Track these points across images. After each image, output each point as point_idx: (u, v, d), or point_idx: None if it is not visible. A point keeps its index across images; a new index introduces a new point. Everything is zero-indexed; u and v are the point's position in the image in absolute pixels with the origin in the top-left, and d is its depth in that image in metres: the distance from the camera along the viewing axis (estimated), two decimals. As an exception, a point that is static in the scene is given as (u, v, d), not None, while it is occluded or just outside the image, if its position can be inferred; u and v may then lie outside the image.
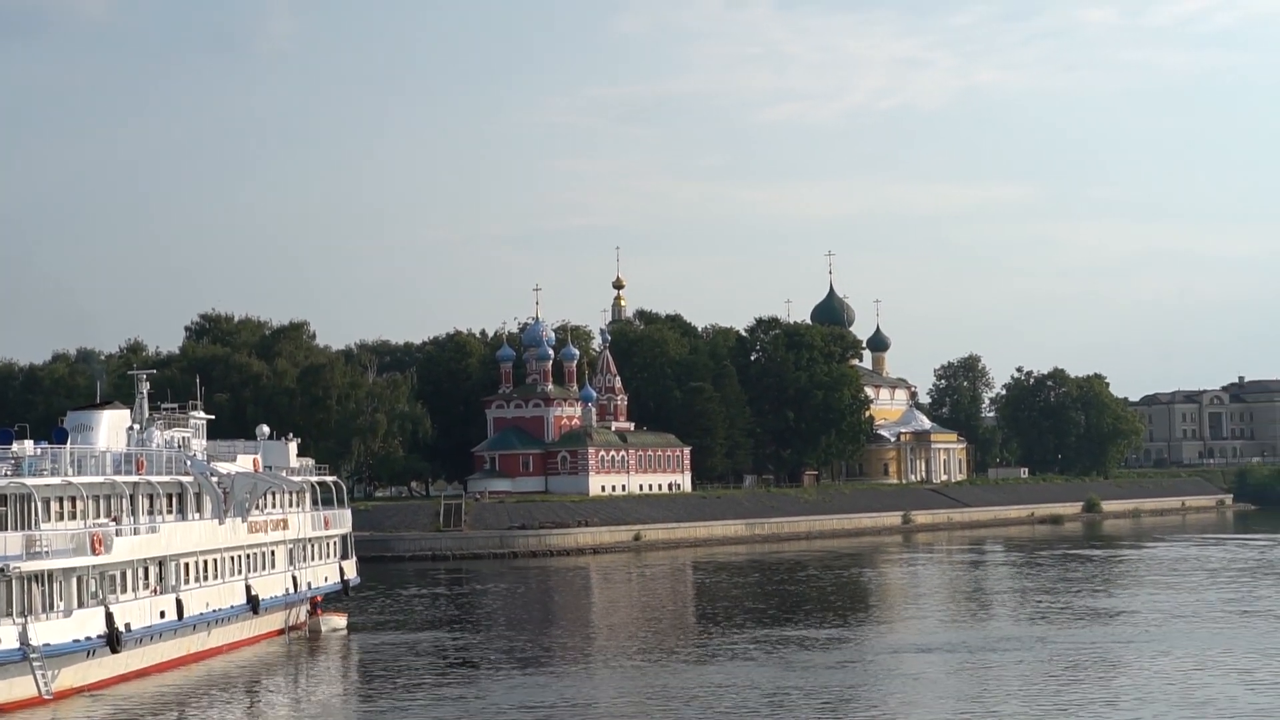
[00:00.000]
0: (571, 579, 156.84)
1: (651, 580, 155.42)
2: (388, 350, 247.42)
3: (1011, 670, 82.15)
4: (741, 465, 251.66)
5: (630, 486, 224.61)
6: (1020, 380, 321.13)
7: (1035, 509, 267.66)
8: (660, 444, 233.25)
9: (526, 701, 74.89)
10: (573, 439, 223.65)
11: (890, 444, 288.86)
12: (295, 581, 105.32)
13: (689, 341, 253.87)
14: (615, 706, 74.23)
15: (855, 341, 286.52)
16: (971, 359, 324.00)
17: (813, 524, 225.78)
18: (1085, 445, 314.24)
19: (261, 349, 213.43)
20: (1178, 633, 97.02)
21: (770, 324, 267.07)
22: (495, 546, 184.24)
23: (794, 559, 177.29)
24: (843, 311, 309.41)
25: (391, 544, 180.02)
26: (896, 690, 77.94)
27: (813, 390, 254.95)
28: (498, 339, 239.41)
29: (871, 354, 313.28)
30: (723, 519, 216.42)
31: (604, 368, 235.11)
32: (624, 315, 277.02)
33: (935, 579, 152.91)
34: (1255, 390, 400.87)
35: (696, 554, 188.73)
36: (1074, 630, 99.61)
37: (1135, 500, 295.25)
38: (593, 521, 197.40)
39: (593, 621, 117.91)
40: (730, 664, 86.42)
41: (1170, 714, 68.86)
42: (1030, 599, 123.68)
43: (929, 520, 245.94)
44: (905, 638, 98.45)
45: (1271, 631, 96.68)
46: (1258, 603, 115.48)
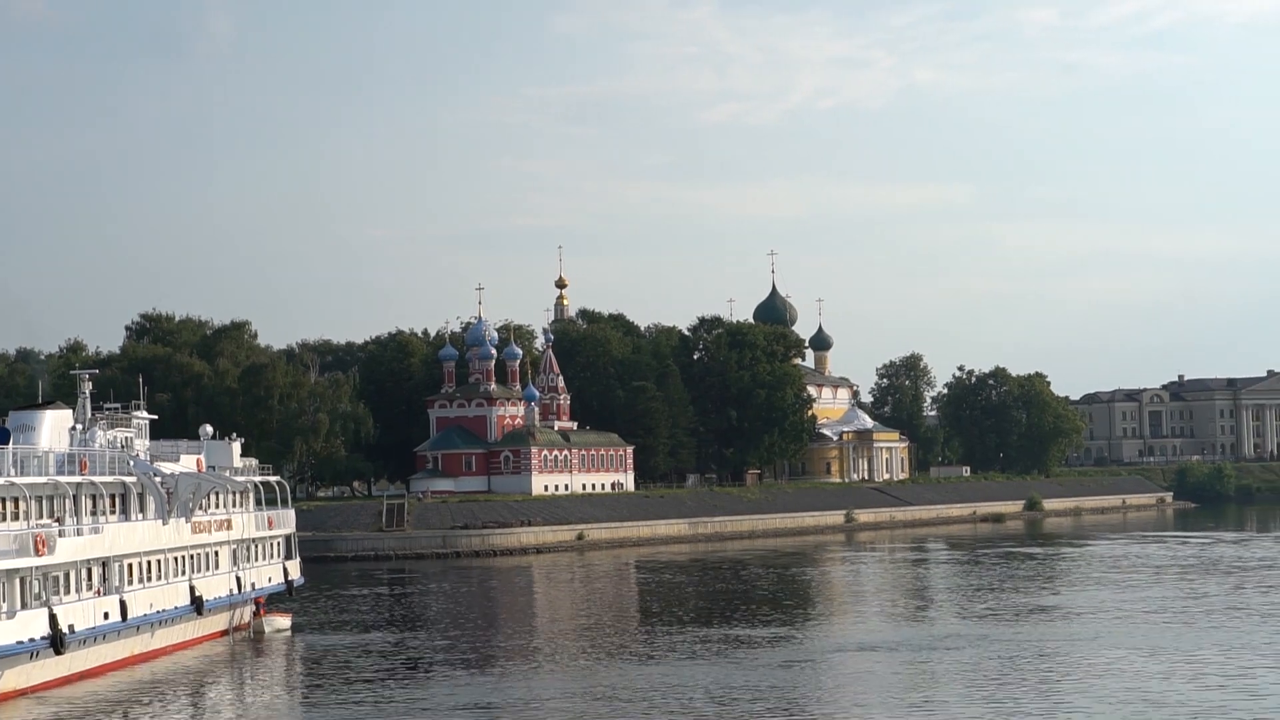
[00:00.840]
0: (515, 579, 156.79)
1: (595, 580, 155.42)
2: (330, 350, 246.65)
3: (954, 668, 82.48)
4: (684, 464, 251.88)
5: (573, 486, 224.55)
6: (962, 379, 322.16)
7: (977, 507, 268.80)
8: (603, 443, 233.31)
9: (471, 702, 74.90)
10: (515, 439, 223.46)
11: (833, 443, 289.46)
12: (239, 582, 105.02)
13: (632, 341, 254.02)
14: (560, 706, 74.22)
15: (798, 341, 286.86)
16: (913, 358, 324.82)
17: (756, 523, 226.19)
18: (1026, 444, 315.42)
19: (203, 349, 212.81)
20: (1119, 630, 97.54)
21: (713, 323, 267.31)
22: (438, 546, 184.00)
23: (737, 558, 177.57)
24: (785, 311, 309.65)
25: (334, 544, 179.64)
26: (840, 688, 78.21)
27: (755, 389, 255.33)
28: (440, 339, 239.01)
29: (814, 353, 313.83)
30: (666, 518, 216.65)
31: (547, 367, 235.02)
32: (567, 315, 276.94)
33: (878, 577, 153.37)
34: (1195, 389, 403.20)
35: (640, 553, 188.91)
36: (1016, 628, 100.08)
37: (1076, 498, 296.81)
38: (536, 521, 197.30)
39: (536, 621, 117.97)
40: (674, 663, 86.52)
41: (1112, 710, 69.27)
42: (972, 597, 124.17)
43: (871, 519, 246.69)
44: (848, 636, 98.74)
45: (1212, 628, 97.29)
46: (1198, 600, 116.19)
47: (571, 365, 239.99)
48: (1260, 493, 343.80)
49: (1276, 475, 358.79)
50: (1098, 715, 68.42)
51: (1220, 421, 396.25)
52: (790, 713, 71.11)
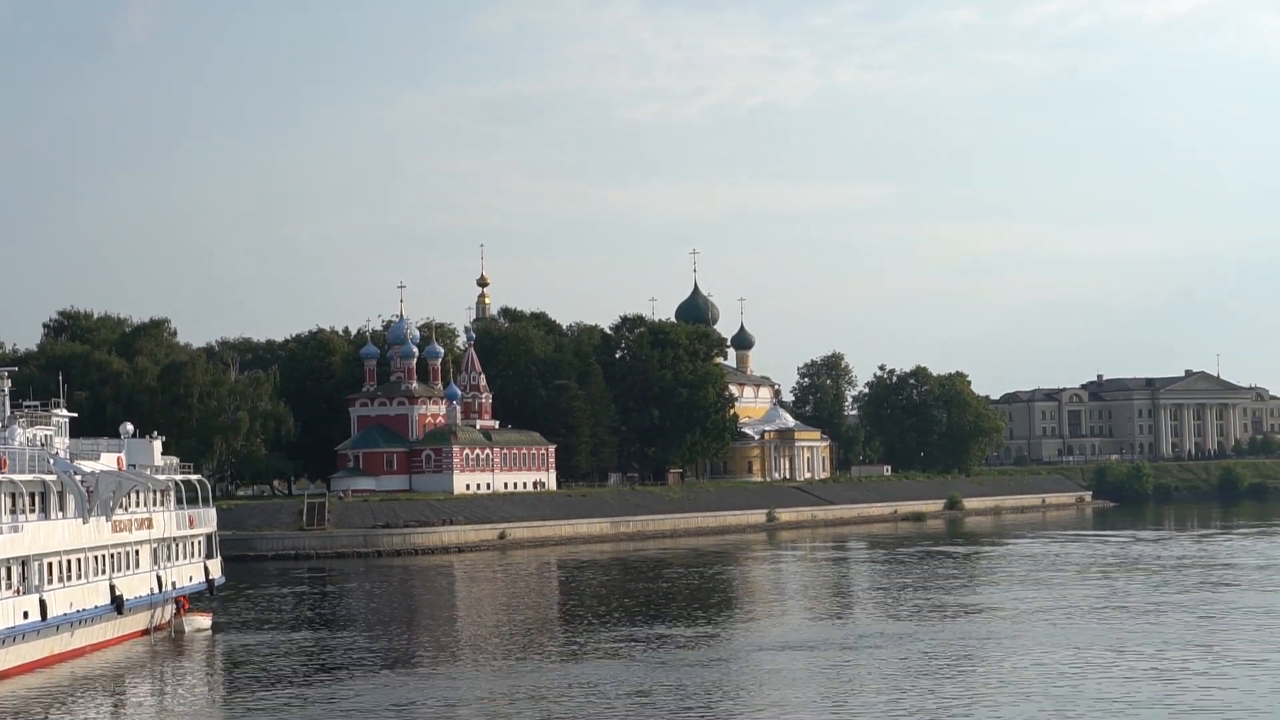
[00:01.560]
0: (436, 578, 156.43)
1: (517, 579, 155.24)
2: (250, 348, 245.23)
3: (876, 667, 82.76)
4: (606, 463, 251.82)
5: (495, 485, 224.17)
6: (883, 378, 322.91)
7: (898, 506, 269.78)
8: (525, 442, 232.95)
9: (391, 702, 74.72)
10: (437, 437, 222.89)
11: (754, 442, 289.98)
12: (160, 581, 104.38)
13: (554, 339, 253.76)
14: (481, 706, 74.15)
15: (719, 340, 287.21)
16: (834, 357, 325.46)
17: (678, 522, 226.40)
18: (947, 443, 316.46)
19: (121, 346, 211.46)
20: (1040, 628, 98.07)
21: (635, 322, 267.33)
22: (359, 545, 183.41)
23: (659, 557, 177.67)
24: (707, 310, 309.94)
25: (254, 543, 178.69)
26: (762, 688, 78.31)
27: (677, 388, 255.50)
28: (361, 337, 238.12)
29: (736, 352, 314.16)
30: (588, 517, 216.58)
31: (468, 366, 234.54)
32: (488, 313, 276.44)
33: (800, 576, 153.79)
34: (1113, 389, 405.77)
35: (561, 552, 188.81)
36: (937, 626, 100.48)
37: (996, 497, 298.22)
38: (457, 520, 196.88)
39: (458, 620, 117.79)
40: (596, 662, 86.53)
41: (1032, 707, 69.63)
42: (894, 596, 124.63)
43: (793, 518, 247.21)
44: (770, 635, 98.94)
45: (1132, 626, 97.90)
46: (1118, 598, 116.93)
47: (493, 364, 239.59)
48: (1178, 492, 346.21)
49: (1194, 475, 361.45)
50: (1017, 712, 68.73)
51: (1139, 421, 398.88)
52: (712, 712, 71.21)
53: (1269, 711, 68.36)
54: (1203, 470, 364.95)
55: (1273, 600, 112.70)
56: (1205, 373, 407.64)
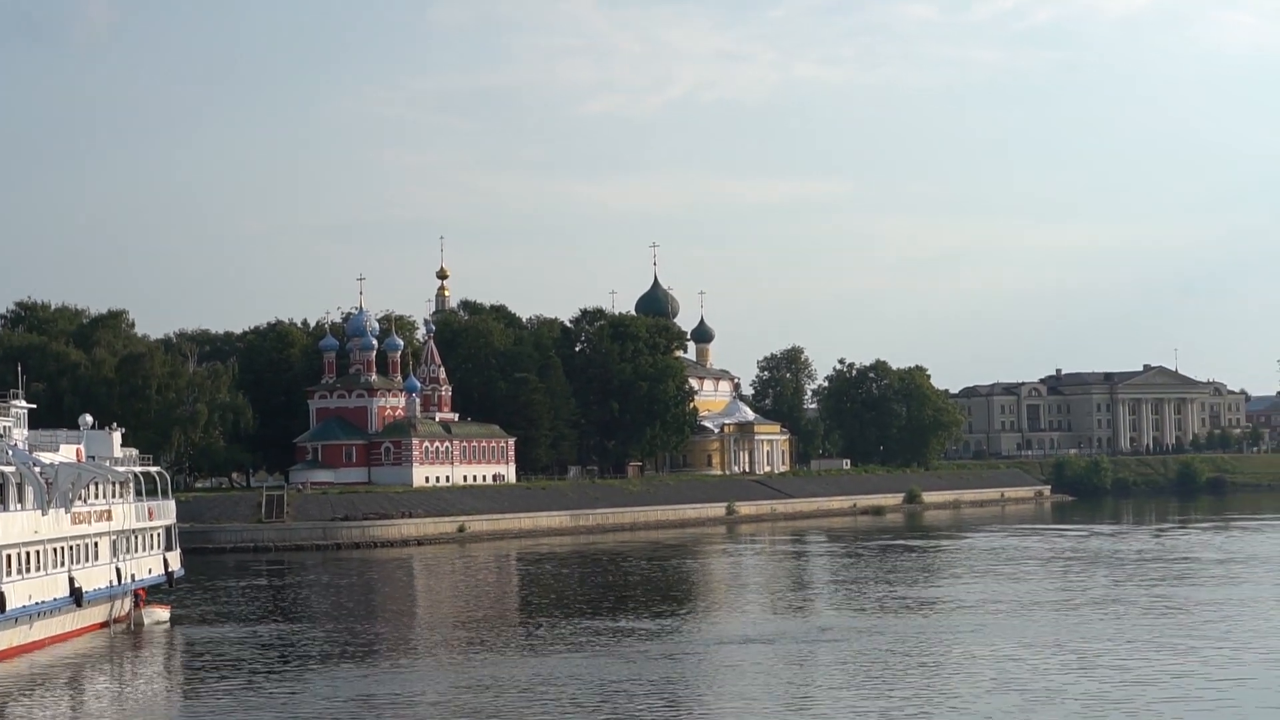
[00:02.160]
0: (395, 571, 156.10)
1: (476, 572, 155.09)
2: (208, 340, 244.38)
3: (835, 660, 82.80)
4: (566, 456, 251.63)
5: (454, 477, 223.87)
6: (842, 372, 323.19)
7: (857, 500, 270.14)
8: (485, 435, 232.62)
9: (350, 695, 74.55)
10: (396, 430, 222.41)
11: (714, 435, 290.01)
12: (119, 574, 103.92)
13: (513, 332, 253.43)
14: (441, 699, 73.98)
15: (679, 333, 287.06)
16: (794, 351, 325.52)
17: (637, 515, 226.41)
18: (906, 437, 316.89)
19: (79, 338, 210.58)
20: (999, 622, 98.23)
21: (595, 315, 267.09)
22: (318, 538, 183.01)
23: (618, 550, 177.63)
24: (667, 303, 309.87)
25: (213, 535, 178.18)
26: (722, 681, 78.33)
27: (637, 382, 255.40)
28: (320, 329, 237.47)
29: (695, 345, 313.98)
30: (547, 510, 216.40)
31: (428, 358, 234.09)
32: (448, 306, 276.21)
33: (759, 570, 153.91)
34: (1072, 383, 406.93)
35: (521, 545, 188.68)
36: (897, 620, 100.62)
37: (955, 491, 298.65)
38: (417, 513, 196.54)
39: (417, 614, 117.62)
40: (555, 655, 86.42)
41: (991, 700, 69.72)
42: (853, 590, 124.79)
43: (753, 511, 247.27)
44: (730, 629, 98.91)
45: (1090, 620, 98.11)
46: (1077, 592, 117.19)
47: (453, 356, 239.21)
48: (1136, 486, 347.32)
49: (1152, 469, 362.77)
50: (977, 706, 68.81)
51: (1097, 415, 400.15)
52: (673, 705, 71.17)
53: (1226, 702, 68.56)
54: (1161, 465, 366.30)
55: (1230, 594, 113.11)
56: (1163, 367, 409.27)
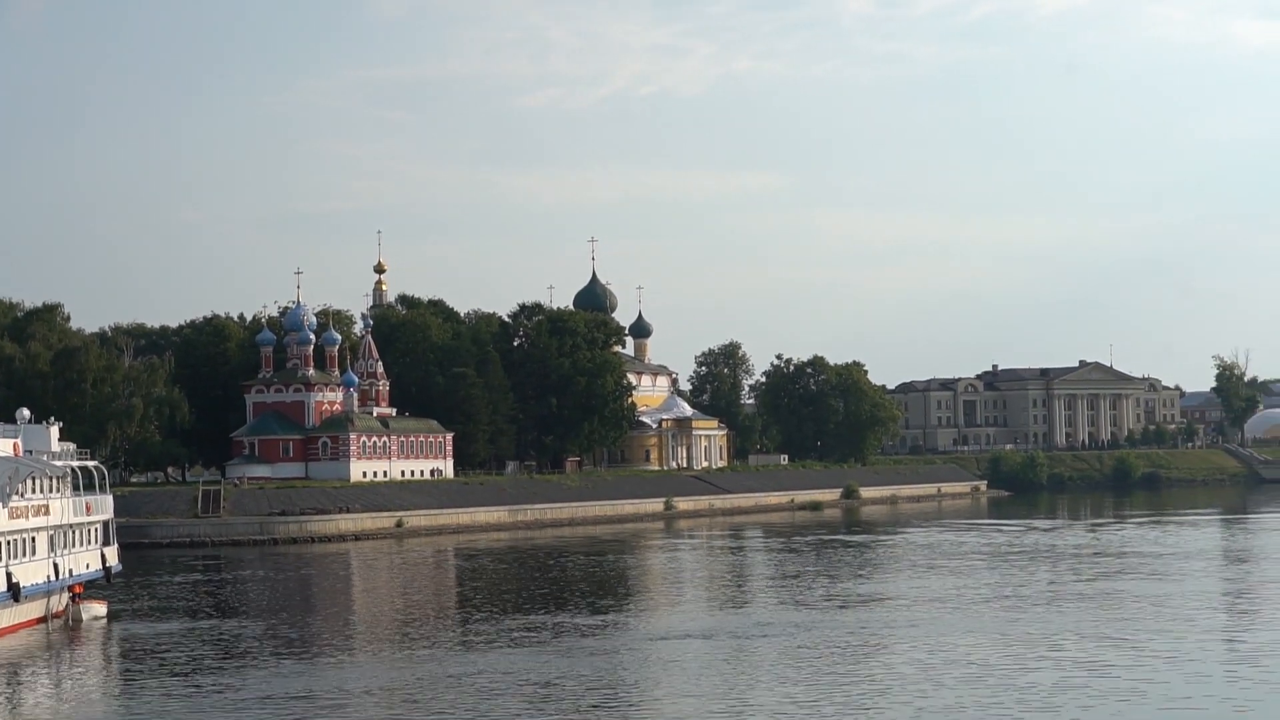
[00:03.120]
0: (333, 566, 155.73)
1: (414, 567, 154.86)
2: (144, 333, 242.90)
3: (773, 655, 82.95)
4: (504, 452, 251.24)
5: (392, 472, 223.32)
6: (780, 368, 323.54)
7: (795, 495, 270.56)
8: (422, 430, 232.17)
9: (287, 691, 74.38)
10: (334, 424, 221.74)
11: (652, 430, 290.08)
12: (56, 569, 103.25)
13: (452, 327, 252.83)
14: (379, 695, 73.84)
15: (618, 328, 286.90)
16: (732, 346, 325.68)
17: (575, 510, 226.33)
18: (844, 432, 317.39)
19: (13, 331, 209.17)
20: (935, 617, 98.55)
21: (533, 310, 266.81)
22: (255, 533, 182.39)
23: (557, 545, 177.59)
24: (605, 298, 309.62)
25: (149, 530, 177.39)
26: (661, 676, 78.40)
27: (576, 376, 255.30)
28: (257, 323, 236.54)
29: (634, 340, 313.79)
30: (485, 505, 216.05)
31: (366, 353, 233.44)
32: (386, 300, 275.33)
33: (697, 565, 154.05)
34: (1008, 379, 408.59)
35: (459, 540, 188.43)
36: (835, 615, 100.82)
37: (893, 486, 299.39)
38: (354, 508, 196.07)
39: (354, 609, 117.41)
40: (493, 651, 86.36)
41: (929, 694, 69.98)
42: (791, 585, 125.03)
43: (691, 507, 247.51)
44: (669, 624, 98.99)
45: (1026, 614, 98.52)
46: (1012, 587, 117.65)
47: (391, 351, 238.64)
48: (1071, 481, 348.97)
49: (1087, 464, 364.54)
50: (915, 700, 69.06)
51: (1033, 411, 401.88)
52: (611, 700, 71.24)
53: (1159, 696, 68.99)
54: (1096, 460, 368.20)
55: (1165, 588, 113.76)
56: (1099, 363, 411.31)
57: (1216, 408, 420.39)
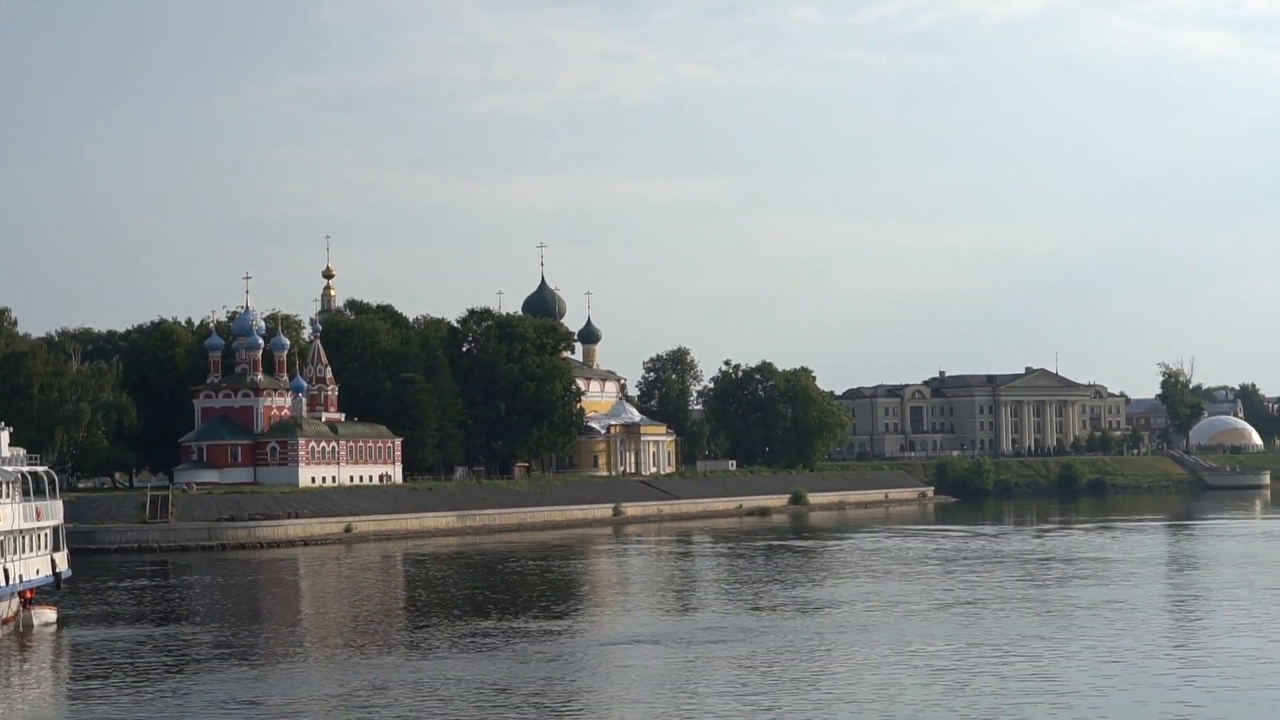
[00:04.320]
0: (281, 571, 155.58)
1: (362, 572, 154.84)
2: (91, 338, 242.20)
3: (722, 660, 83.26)
4: (453, 457, 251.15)
5: (341, 478, 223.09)
6: (728, 373, 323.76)
7: (743, 501, 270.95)
8: (371, 435, 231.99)
9: (239, 696, 74.48)
10: (282, 429, 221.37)
11: (601, 436, 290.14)
12: (7, 575, 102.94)
13: (400, 332, 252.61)
14: (327, 701, 74.01)
15: (567, 333, 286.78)
16: (680, 352, 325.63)
17: (524, 516, 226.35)
18: (791, 438, 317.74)
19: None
20: (883, 622, 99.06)
21: (482, 315, 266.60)
22: (203, 539, 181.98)
23: (505, 551, 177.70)
24: (554, 303, 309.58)
25: (97, 536, 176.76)
26: (609, 682, 78.74)
27: (525, 382, 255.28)
28: (205, 328, 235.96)
29: (583, 346, 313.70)
30: (434, 511, 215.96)
31: (315, 358, 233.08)
32: (335, 305, 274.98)
33: (645, 571, 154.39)
34: (955, 385, 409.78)
35: (407, 546, 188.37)
36: (783, 621, 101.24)
37: (840, 492, 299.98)
38: (303, 513, 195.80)
39: (303, 615, 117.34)
40: (442, 657, 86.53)
41: (876, 699, 70.45)
42: (740, 590, 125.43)
43: (639, 512, 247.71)
44: (616, 629, 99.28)
45: (972, 619, 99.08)
46: (958, 592, 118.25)
47: (339, 356, 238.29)
48: (1018, 488, 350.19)
49: (1034, 470, 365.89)
50: (862, 705, 69.52)
51: (980, 417, 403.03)
52: (559, 706, 71.51)
53: (1106, 700, 69.60)
54: (1042, 466, 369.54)
55: (1110, 594, 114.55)
56: (1045, 370, 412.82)
57: (1162, 415, 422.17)
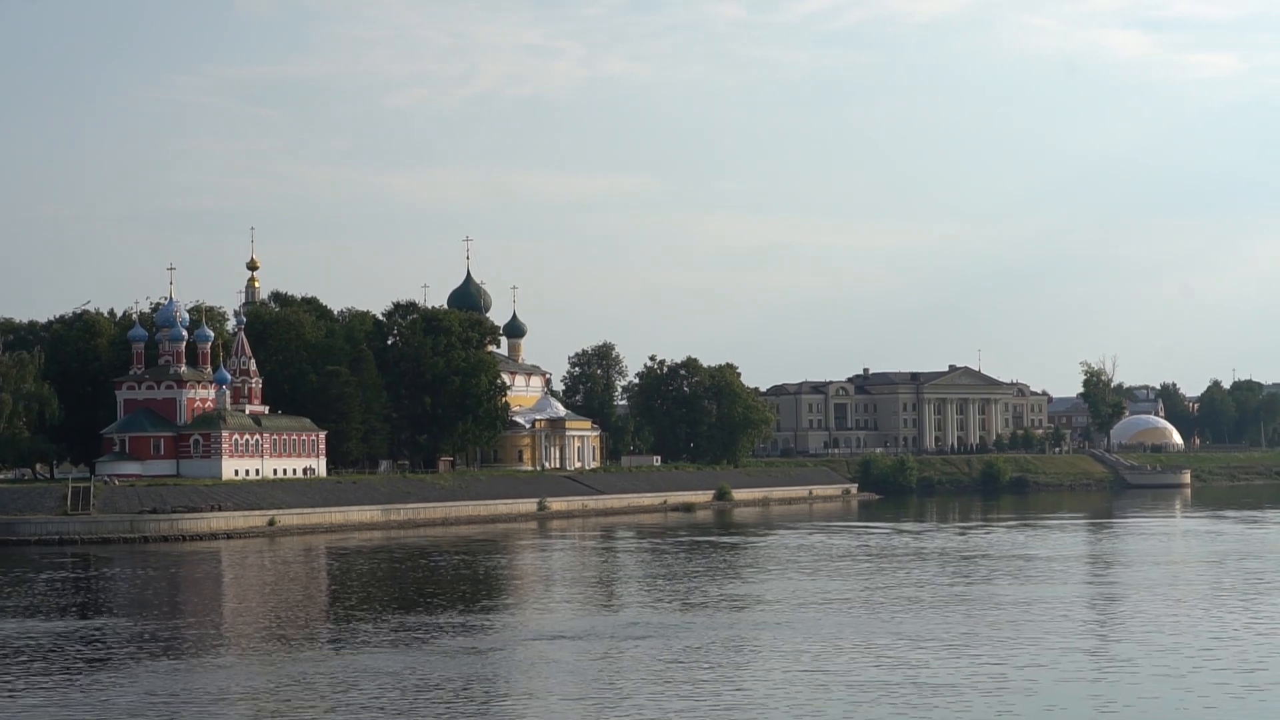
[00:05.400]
0: (204, 565, 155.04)
1: (286, 566, 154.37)
2: (12, 329, 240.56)
3: (644, 655, 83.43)
4: (377, 451, 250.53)
5: (264, 471, 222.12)
6: (653, 369, 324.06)
7: (668, 497, 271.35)
8: (295, 428, 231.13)
9: (161, 690, 74.20)
10: (206, 422, 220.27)
11: (526, 431, 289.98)
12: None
13: (325, 325, 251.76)
14: (247, 694, 73.82)
15: (492, 328, 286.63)
16: (605, 347, 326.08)
17: (449, 510, 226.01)
18: (716, 434, 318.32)
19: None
20: (805, 618, 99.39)
21: (408, 308, 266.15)
22: (126, 531, 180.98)
23: (430, 545, 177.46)
24: (479, 297, 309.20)
25: (16, 528, 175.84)
26: (531, 677, 78.80)
27: (450, 376, 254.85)
28: (129, 319, 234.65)
29: (508, 340, 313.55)
30: (358, 504, 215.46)
31: (239, 350, 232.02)
32: (259, 297, 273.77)
33: (570, 566, 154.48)
34: (879, 382, 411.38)
35: (332, 539, 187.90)
36: (706, 616, 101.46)
37: (765, 489, 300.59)
38: (226, 506, 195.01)
39: (225, 609, 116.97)
40: (365, 651, 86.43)
41: (798, 695, 70.70)
42: (663, 586, 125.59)
43: (564, 507, 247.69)
44: (540, 624, 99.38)
45: (894, 615, 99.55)
46: (881, 589, 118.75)
47: (264, 349, 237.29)
48: (941, 485, 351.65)
49: (956, 468, 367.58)
50: (784, 701, 69.75)
51: (903, 415, 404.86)
52: (482, 701, 71.57)
53: (1026, 695, 70.06)
54: (965, 464, 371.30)
55: (1030, 592, 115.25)
56: (968, 368, 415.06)
57: (1083, 413, 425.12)
